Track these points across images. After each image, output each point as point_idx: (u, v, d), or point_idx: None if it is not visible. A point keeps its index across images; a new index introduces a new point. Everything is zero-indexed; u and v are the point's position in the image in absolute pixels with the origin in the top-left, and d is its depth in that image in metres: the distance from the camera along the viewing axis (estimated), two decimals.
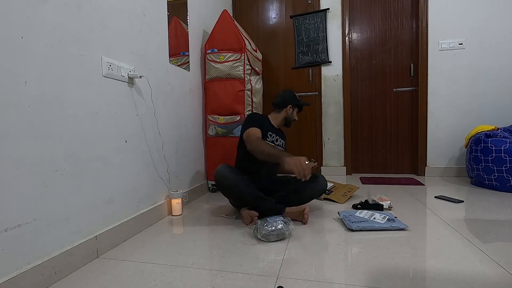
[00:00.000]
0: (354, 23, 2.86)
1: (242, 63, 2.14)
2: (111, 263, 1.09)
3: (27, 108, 0.90)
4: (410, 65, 2.75)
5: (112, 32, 1.28)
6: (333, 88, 2.88)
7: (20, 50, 0.88)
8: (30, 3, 0.91)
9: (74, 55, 1.08)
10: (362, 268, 0.99)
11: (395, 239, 1.23)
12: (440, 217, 1.52)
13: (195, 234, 1.39)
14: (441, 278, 0.91)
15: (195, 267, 1.04)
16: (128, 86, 1.39)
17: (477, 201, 1.81)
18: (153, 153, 1.58)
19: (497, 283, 0.87)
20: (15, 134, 0.86)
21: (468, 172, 2.31)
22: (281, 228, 1.25)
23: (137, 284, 0.93)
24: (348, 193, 1.96)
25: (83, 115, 1.11)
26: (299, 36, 2.92)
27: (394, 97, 2.82)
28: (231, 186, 1.48)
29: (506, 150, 1.99)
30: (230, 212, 1.70)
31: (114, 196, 1.28)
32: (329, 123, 2.91)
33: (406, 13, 2.75)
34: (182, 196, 1.73)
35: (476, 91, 2.57)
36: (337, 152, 2.91)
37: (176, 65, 1.87)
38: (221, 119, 2.17)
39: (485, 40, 2.52)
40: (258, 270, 1.00)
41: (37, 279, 0.90)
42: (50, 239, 0.97)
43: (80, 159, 1.09)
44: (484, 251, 1.09)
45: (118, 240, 1.27)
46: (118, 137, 1.31)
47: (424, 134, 2.70)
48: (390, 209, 1.66)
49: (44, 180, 0.95)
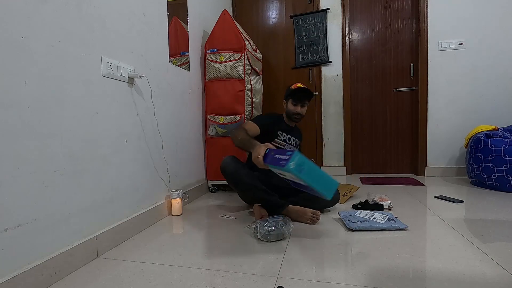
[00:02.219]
0: (354, 23, 2.86)
1: (242, 63, 2.14)
2: (111, 263, 1.09)
3: (27, 108, 0.90)
4: (410, 65, 2.75)
5: (112, 32, 1.28)
6: (333, 88, 2.88)
7: (20, 50, 0.88)
8: (30, 3, 0.91)
9: (74, 55, 1.08)
10: (362, 268, 0.99)
11: (395, 239, 1.23)
12: (440, 217, 1.52)
13: (195, 234, 1.39)
14: (441, 278, 0.91)
15: (195, 267, 1.04)
16: (128, 86, 1.39)
17: (477, 201, 1.81)
18: (153, 153, 1.58)
19: (497, 283, 0.87)
20: (15, 134, 0.86)
21: (468, 172, 2.31)
22: (281, 228, 1.25)
23: (137, 284, 0.93)
24: (348, 193, 1.96)
25: (83, 115, 1.11)
26: (299, 36, 2.92)
27: (394, 97, 2.82)
28: (233, 173, 1.51)
29: (506, 150, 1.99)
30: (230, 212, 1.70)
31: (114, 196, 1.28)
32: (329, 123, 2.91)
33: (406, 13, 2.75)
34: (182, 196, 1.73)
35: (476, 91, 2.57)
36: (337, 152, 2.91)
37: (176, 65, 1.87)
38: (221, 119, 2.17)
39: (485, 40, 2.52)
40: (258, 270, 1.00)
41: (37, 279, 0.90)
42: (50, 239, 0.97)
43: (80, 159, 1.09)
44: (484, 251, 1.09)
45: (118, 240, 1.27)
46: (118, 137, 1.31)
47: (424, 134, 2.70)
48: (390, 209, 1.66)
49: (44, 180, 0.95)
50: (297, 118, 1.75)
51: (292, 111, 1.73)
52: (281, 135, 1.71)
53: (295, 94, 1.69)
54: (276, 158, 1.13)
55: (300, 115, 1.74)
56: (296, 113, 1.72)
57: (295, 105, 1.72)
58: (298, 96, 1.70)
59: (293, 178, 1.13)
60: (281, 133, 1.71)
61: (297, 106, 1.72)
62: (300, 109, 1.72)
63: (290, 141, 1.75)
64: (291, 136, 1.75)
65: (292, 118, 1.76)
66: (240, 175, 1.50)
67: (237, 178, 1.52)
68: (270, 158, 1.18)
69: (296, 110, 1.72)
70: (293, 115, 1.73)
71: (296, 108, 1.72)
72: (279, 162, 1.09)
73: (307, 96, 1.71)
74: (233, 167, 1.52)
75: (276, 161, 1.12)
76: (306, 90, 1.69)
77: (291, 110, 1.73)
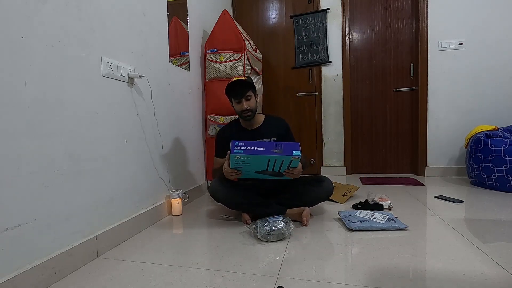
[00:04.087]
0: (354, 23, 2.86)
1: (242, 63, 2.14)
2: (111, 263, 1.09)
3: (27, 108, 0.90)
4: (410, 65, 2.75)
5: (112, 32, 1.28)
6: (333, 88, 2.88)
7: (20, 50, 0.88)
8: (30, 3, 0.91)
9: (74, 55, 1.08)
10: (362, 268, 0.99)
11: (395, 239, 1.23)
12: (440, 217, 1.52)
13: (195, 234, 1.39)
14: (441, 278, 0.91)
15: (195, 267, 1.04)
16: (128, 86, 1.39)
17: (477, 201, 1.81)
18: (153, 153, 1.58)
19: (497, 283, 0.87)
20: (15, 134, 0.86)
21: (468, 172, 2.31)
22: (281, 228, 1.25)
23: (137, 284, 0.93)
24: (348, 193, 1.96)
25: (83, 115, 1.11)
26: (299, 36, 2.92)
27: (394, 97, 2.82)
28: (225, 199, 1.50)
29: (506, 150, 1.99)
30: (230, 212, 1.70)
31: (114, 196, 1.28)
32: (329, 123, 2.91)
33: (406, 13, 2.75)
34: (182, 196, 1.73)
35: (476, 91, 2.57)
36: (337, 152, 2.91)
37: (176, 65, 1.87)
38: (221, 119, 2.17)
39: (485, 40, 2.52)
40: (258, 270, 1.00)
41: (37, 279, 0.90)
42: (50, 239, 0.97)
43: (80, 159, 1.09)
44: (484, 251, 1.09)
45: (118, 240, 1.27)
46: (118, 137, 1.31)
47: (424, 134, 2.70)
48: (390, 209, 1.66)
49: (44, 180, 0.95)
50: (248, 115, 1.52)
51: (238, 110, 1.53)
52: None
53: (232, 90, 1.49)
54: (255, 150, 1.24)
55: (249, 110, 1.50)
56: (243, 110, 1.50)
57: (238, 102, 1.50)
58: (236, 92, 1.49)
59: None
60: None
61: (241, 102, 1.50)
62: (246, 104, 1.49)
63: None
64: (256, 140, 1.53)
65: (243, 118, 1.54)
66: (234, 198, 1.49)
67: (231, 202, 1.51)
68: (242, 148, 1.25)
69: (242, 107, 1.50)
70: (242, 113, 1.51)
71: (241, 105, 1.50)
72: (269, 151, 1.22)
73: (246, 87, 1.49)
74: (223, 193, 1.49)
75: (260, 151, 1.24)
76: (241, 81, 1.47)
77: (238, 109, 1.53)
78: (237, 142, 1.24)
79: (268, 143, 1.25)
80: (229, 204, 1.53)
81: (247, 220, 1.49)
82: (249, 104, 1.51)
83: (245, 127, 1.61)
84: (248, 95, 1.51)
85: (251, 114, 1.53)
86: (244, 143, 1.24)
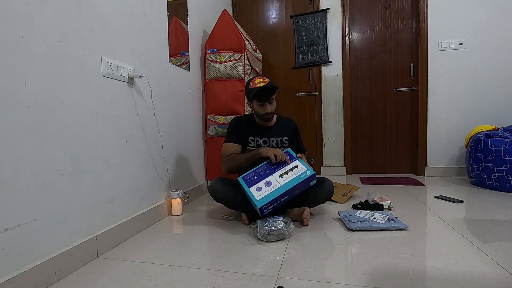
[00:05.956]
0: (354, 23, 2.86)
1: (242, 63, 2.14)
2: (111, 263, 1.09)
3: (27, 108, 0.90)
4: (410, 65, 2.75)
5: (112, 32, 1.28)
6: (333, 88, 2.88)
7: (20, 50, 0.88)
8: (30, 3, 0.91)
9: (74, 55, 1.08)
10: (362, 268, 0.99)
11: (395, 239, 1.23)
12: (440, 217, 1.52)
13: (195, 234, 1.39)
14: (441, 278, 0.91)
15: (195, 267, 1.04)
16: (128, 86, 1.39)
17: (477, 201, 1.81)
18: (153, 153, 1.58)
19: (497, 283, 0.87)
20: (15, 134, 0.86)
21: (468, 172, 2.31)
22: (281, 228, 1.25)
23: (137, 284, 0.93)
24: (348, 193, 1.96)
25: (83, 115, 1.11)
26: (299, 36, 2.92)
27: (394, 97, 2.82)
28: (225, 199, 1.50)
29: (506, 150, 1.99)
30: (230, 212, 1.70)
31: (114, 196, 1.28)
32: (329, 123, 2.91)
33: (406, 13, 2.75)
34: (182, 196, 1.73)
35: (476, 91, 2.57)
36: (337, 152, 2.91)
37: (176, 65, 1.87)
38: (221, 119, 2.17)
39: (485, 40, 2.52)
40: (258, 270, 1.00)
41: (37, 279, 0.90)
42: (50, 239, 0.97)
43: (80, 159, 1.09)
44: (484, 251, 1.09)
45: (118, 240, 1.27)
46: (118, 137, 1.31)
47: (424, 134, 2.70)
48: (390, 209, 1.66)
49: (44, 180, 0.95)
50: (270, 118, 1.56)
51: (261, 113, 1.53)
52: (253, 142, 1.58)
53: (258, 94, 1.48)
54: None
55: (271, 113, 1.54)
56: (266, 113, 1.52)
57: (262, 105, 1.51)
58: (261, 95, 1.48)
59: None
60: (253, 139, 1.58)
61: (264, 105, 1.50)
62: (269, 107, 1.51)
63: (268, 143, 1.59)
64: (268, 138, 1.58)
65: (264, 119, 1.56)
66: (234, 198, 1.49)
67: (231, 202, 1.51)
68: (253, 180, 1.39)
69: (266, 110, 1.51)
70: (264, 116, 1.53)
71: (264, 108, 1.51)
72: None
73: (272, 92, 1.51)
74: (223, 193, 1.49)
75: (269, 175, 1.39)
76: (269, 87, 1.47)
77: (260, 112, 1.53)
78: (264, 206, 1.29)
79: (290, 189, 1.31)
80: (228, 204, 1.53)
81: (245, 220, 1.49)
82: (272, 107, 1.54)
83: (259, 124, 1.63)
84: (272, 98, 1.53)
85: (271, 116, 1.58)
86: (270, 203, 1.30)
